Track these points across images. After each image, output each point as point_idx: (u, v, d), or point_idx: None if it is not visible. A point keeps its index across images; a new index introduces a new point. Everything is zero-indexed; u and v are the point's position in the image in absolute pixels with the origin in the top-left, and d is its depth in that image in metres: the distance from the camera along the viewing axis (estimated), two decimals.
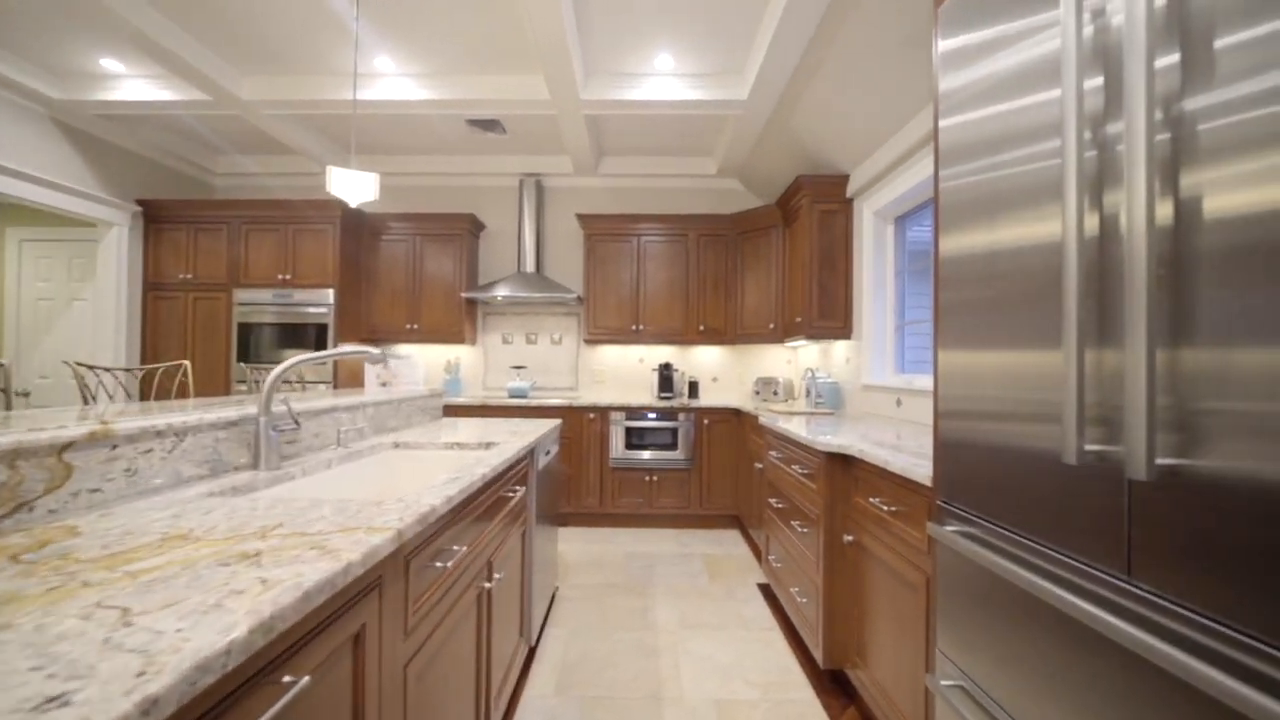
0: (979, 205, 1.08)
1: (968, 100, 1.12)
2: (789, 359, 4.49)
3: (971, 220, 1.11)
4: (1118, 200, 0.77)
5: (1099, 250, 0.80)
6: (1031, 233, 0.94)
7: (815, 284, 3.37)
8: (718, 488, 3.84)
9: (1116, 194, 0.77)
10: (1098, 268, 0.81)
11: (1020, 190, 0.97)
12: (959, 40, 1.16)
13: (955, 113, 1.16)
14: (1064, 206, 0.80)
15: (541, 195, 4.53)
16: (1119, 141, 0.77)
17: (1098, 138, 0.80)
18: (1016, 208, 0.98)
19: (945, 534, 1.15)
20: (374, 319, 4.26)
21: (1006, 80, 1.01)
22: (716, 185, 4.53)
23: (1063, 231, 0.80)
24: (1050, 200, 0.90)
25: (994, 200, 1.04)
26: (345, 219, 3.99)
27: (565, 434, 3.87)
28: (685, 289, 4.19)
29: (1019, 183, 0.97)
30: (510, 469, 1.73)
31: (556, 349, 4.54)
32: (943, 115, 1.21)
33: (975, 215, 1.10)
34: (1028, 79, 0.95)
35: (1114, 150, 0.78)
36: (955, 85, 1.16)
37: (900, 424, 2.51)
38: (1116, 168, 0.77)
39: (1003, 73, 1.02)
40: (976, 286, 1.09)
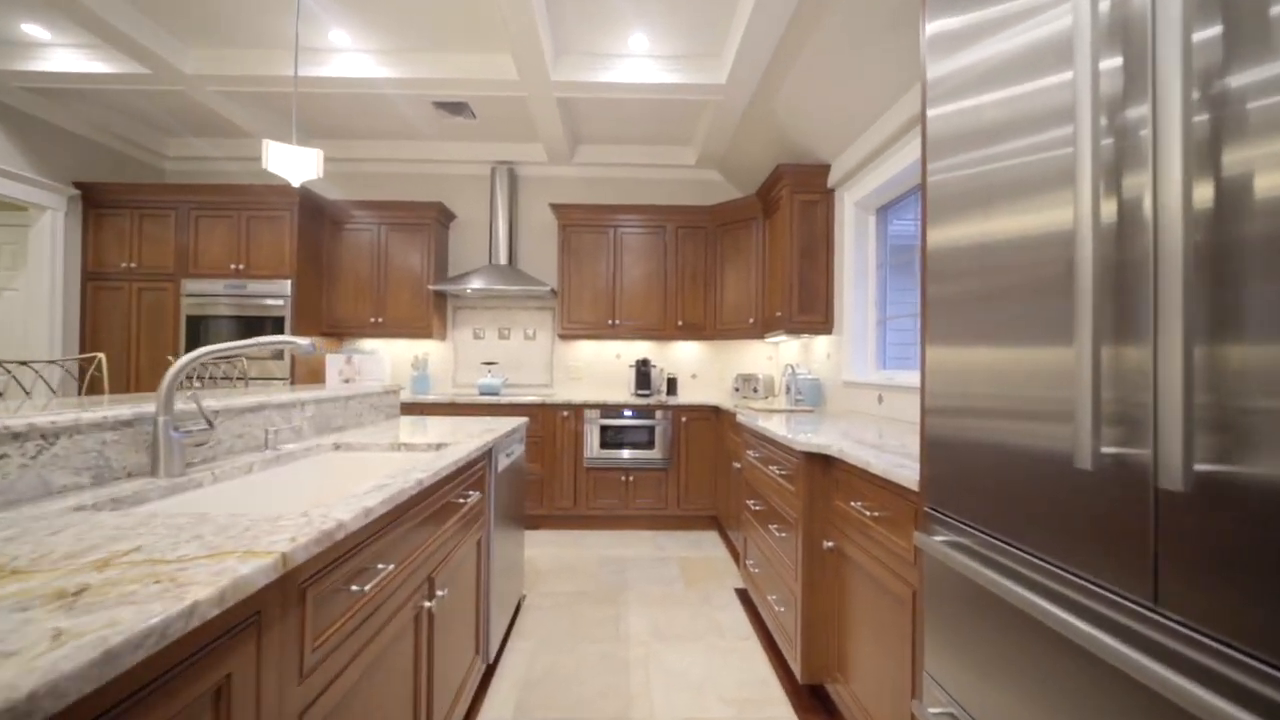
0: (971, 197, 0.98)
1: (958, 87, 1.01)
2: (770, 355, 4.38)
3: (962, 212, 1.00)
4: (1138, 187, 0.67)
5: (1116, 240, 0.69)
6: (1032, 224, 0.83)
7: (796, 277, 3.25)
8: (696, 488, 3.72)
9: (1137, 180, 0.67)
10: (1114, 259, 0.70)
11: (1019, 181, 0.86)
12: (948, 23, 1.05)
13: (945, 101, 1.05)
14: (1077, 195, 0.69)
15: (515, 184, 4.35)
16: (1142, 125, 0.66)
17: (1115, 122, 0.69)
18: (1014, 199, 0.87)
19: (934, 545, 1.03)
20: (336, 312, 4.04)
21: (1003, 65, 0.90)
22: (696, 176, 4.40)
23: (1075, 221, 0.69)
24: (1054, 190, 0.79)
25: (988, 191, 0.93)
26: (304, 206, 3.77)
27: (538, 433, 3.71)
28: (663, 282, 4.05)
29: (1018, 173, 0.86)
30: (460, 472, 1.57)
31: (530, 344, 4.37)
32: (931, 103, 1.10)
33: (967, 207, 0.99)
34: (1028, 63, 0.84)
35: (1136, 135, 0.67)
36: (944, 72, 1.06)
37: (882, 421, 2.41)
38: (1139, 153, 0.66)
39: (998, 57, 0.91)
40: (968, 280, 0.99)
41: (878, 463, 1.37)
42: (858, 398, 2.91)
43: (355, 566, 0.95)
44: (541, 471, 3.71)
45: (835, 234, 3.25)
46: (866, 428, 2.18)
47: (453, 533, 1.50)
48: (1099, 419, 0.68)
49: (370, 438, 1.80)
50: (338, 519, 0.86)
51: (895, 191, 2.78)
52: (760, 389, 3.94)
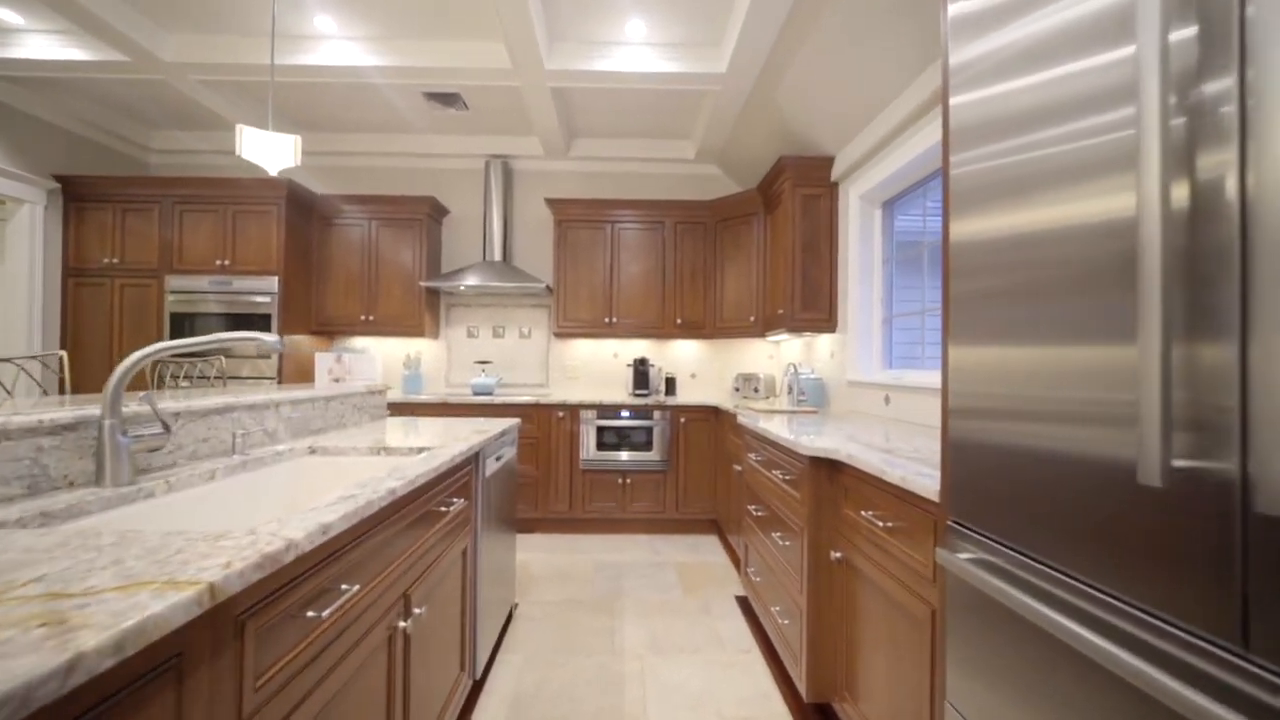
0: (1002, 187, 0.89)
1: (987, 73, 0.92)
2: (771, 354, 4.28)
3: (992, 204, 0.92)
4: (1217, 168, 0.57)
5: (1188, 227, 0.59)
6: (1080, 213, 0.74)
7: (798, 274, 3.15)
8: (695, 491, 3.62)
9: (1216, 160, 0.57)
10: (1185, 247, 0.60)
11: (1063, 168, 0.77)
12: (974, 4, 0.95)
13: (971, 88, 0.97)
14: (1141, 180, 0.60)
15: (509, 179, 4.24)
16: (1223, 101, 0.56)
17: (1187, 100, 0.60)
18: (1057, 187, 0.78)
19: (958, 564, 0.93)
20: (326, 310, 3.93)
21: (1040, 45, 0.81)
22: (695, 171, 4.29)
23: (1140, 208, 0.60)
24: (1109, 175, 0.70)
25: (1022, 182, 0.85)
26: (292, 200, 3.66)
27: (532, 434, 3.61)
28: (661, 279, 3.95)
29: (1062, 160, 0.77)
30: (443, 479, 1.47)
31: (525, 343, 4.27)
32: (955, 91, 1.01)
33: (997, 198, 0.91)
34: (1073, 41, 0.75)
35: (1215, 112, 0.57)
36: (970, 56, 0.97)
37: (890, 423, 2.31)
38: (1219, 131, 0.57)
39: (1034, 37, 0.82)
40: (1000, 275, 0.90)
41: (893, 470, 1.27)
42: (863, 398, 2.80)
43: (313, 589, 0.84)
44: (536, 474, 3.60)
45: (839, 229, 3.15)
46: (874, 429, 2.07)
47: (434, 543, 1.39)
48: (1169, 426, 0.58)
49: (351, 440, 1.70)
50: (288, 538, 0.75)
51: (902, 184, 2.68)
52: (761, 389, 3.84)
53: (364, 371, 4.03)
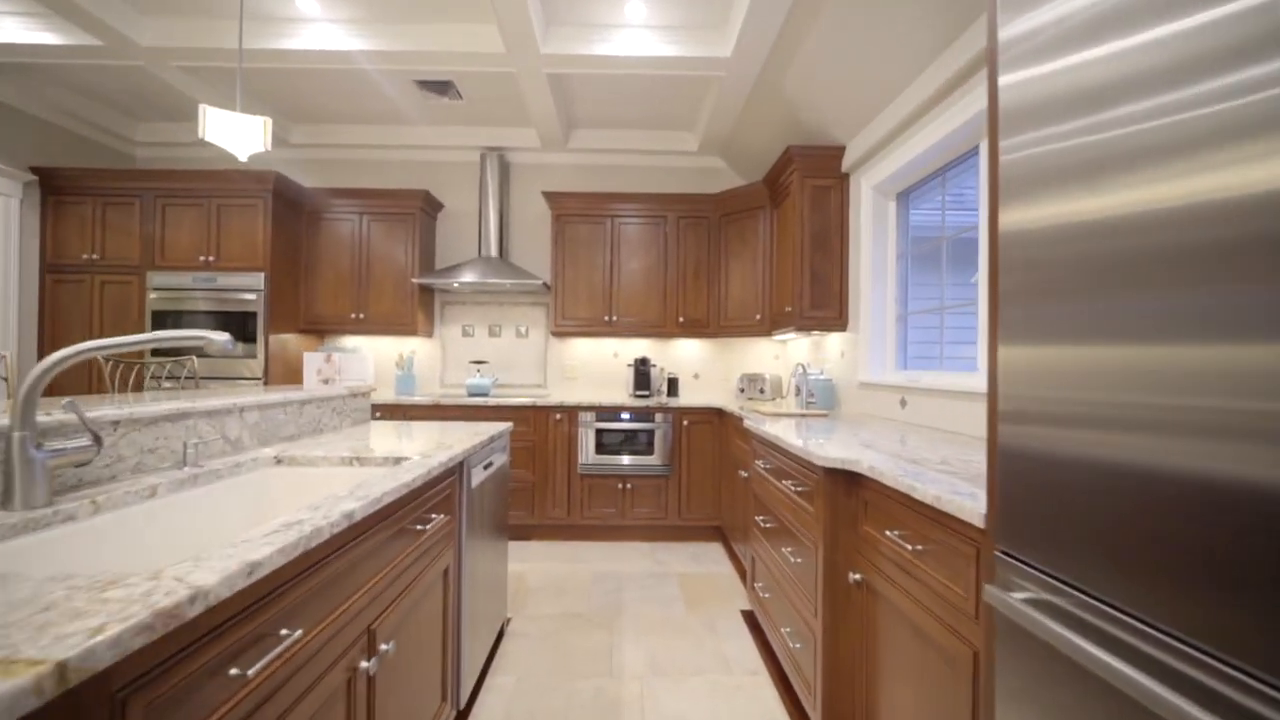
0: (1068, 173, 0.77)
1: (1047, 46, 0.79)
2: (777, 354, 4.12)
3: (1053, 191, 0.79)
4: None
5: None
6: (1188, 192, 0.59)
7: (807, 270, 2.99)
8: (698, 496, 3.47)
9: None
10: None
11: (1161, 144, 0.63)
12: None
13: (1025, 64, 0.84)
14: None
15: (506, 172, 4.09)
16: None
17: None
18: (1156, 163, 0.64)
19: (1013, 606, 0.78)
20: (315, 307, 3.79)
21: (1117, 11, 0.66)
22: (698, 164, 4.14)
23: None
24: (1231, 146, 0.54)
25: (1098, 164, 0.71)
26: (279, 193, 3.52)
27: (529, 437, 3.46)
28: (663, 276, 3.79)
29: (1154, 138, 0.63)
30: (418, 494, 1.32)
31: (522, 342, 4.12)
32: (1004, 69, 0.88)
33: (1059, 183, 0.77)
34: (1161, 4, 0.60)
35: None
36: (1024, 29, 0.84)
37: (908, 429, 2.15)
38: None
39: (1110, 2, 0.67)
40: (1064, 268, 0.77)
41: (924, 486, 1.12)
42: (876, 400, 2.65)
43: (238, 642, 0.70)
44: (533, 478, 3.46)
45: (850, 222, 2.99)
46: (889, 435, 1.92)
47: (408, 565, 1.25)
48: None
49: (324, 448, 1.55)
50: (195, 586, 0.61)
51: (918, 174, 2.52)
52: (767, 390, 3.69)
53: (355, 371, 3.89)
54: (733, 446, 3.12)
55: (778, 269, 3.35)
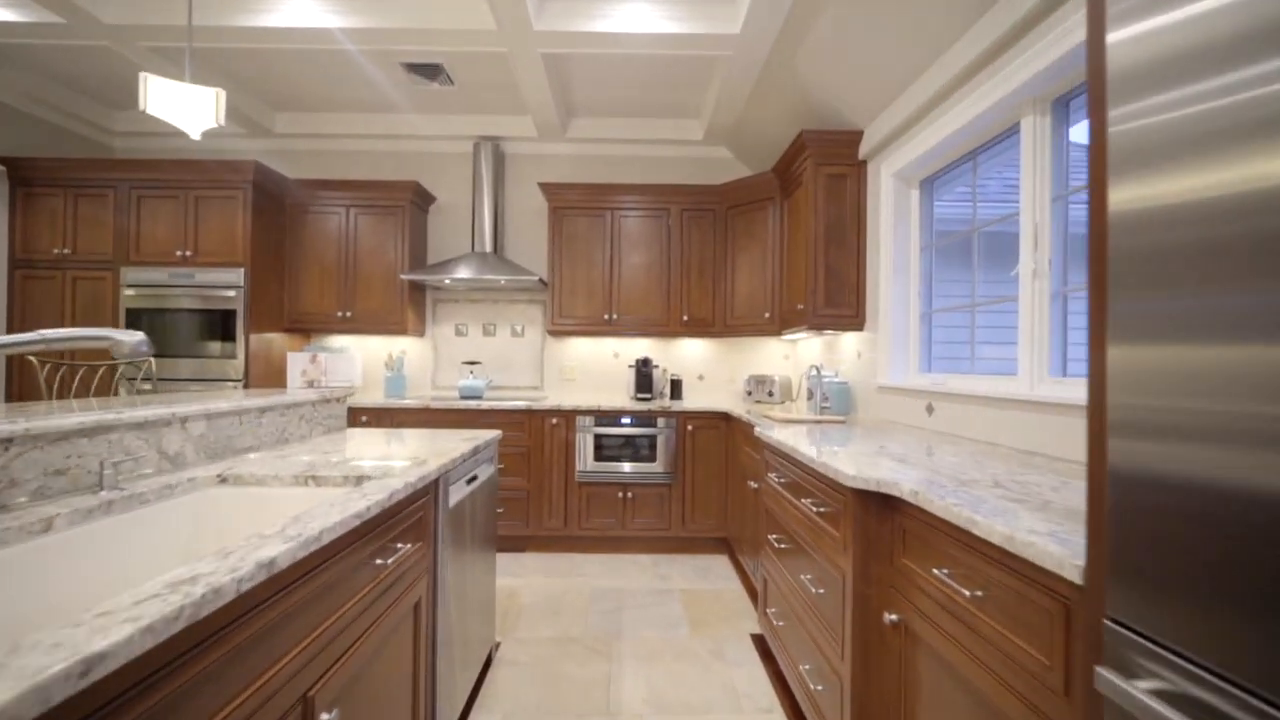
0: (1212, 139, 0.56)
1: None
2: (786, 354, 3.91)
3: (1190, 161, 0.58)
4: None
5: None
6: None
7: (821, 265, 2.79)
8: (703, 506, 3.26)
9: None
10: None
11: None
12: None
13: (1145, 14, 0.62)
14: None
15: (501, 163, 3.89)
16: None
17: None
18: None
19: (1139, 701, 0.58)
20: (300, 305, 3.60)
21: None
22: (703, 154, 3.93)
23: None
24: None
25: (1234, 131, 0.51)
26: (260, 184, 3.33)
27: (524, 443, 3.27)
28: (666, 272, 3.59)
29: None
30: (378, 524, 1.12)
31: (518, 342, 3.92)
32: (1114, 24, 0.68)
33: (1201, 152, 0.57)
34: None
35: None
36: None
37: (935, 438, 1.95)
38: None
39: None
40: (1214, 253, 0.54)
41: (989, 521, 0.91)
42: (898, 406, 2.44)
43: None
44: (528, 487, 3.26)
45: (868, 213, 2.78)
46: (919, 447, 1.71)
47: (364, 609, 1.05)
48: None
49: (280, 465, 1.36)
50: None
51: (945, 159, 2.31)
52: (777, 392, 3.48)
53: (342, 373, 3.70)
54: (741, 454, 2.91)
55: (789, 264, 3.14)
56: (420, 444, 1.74)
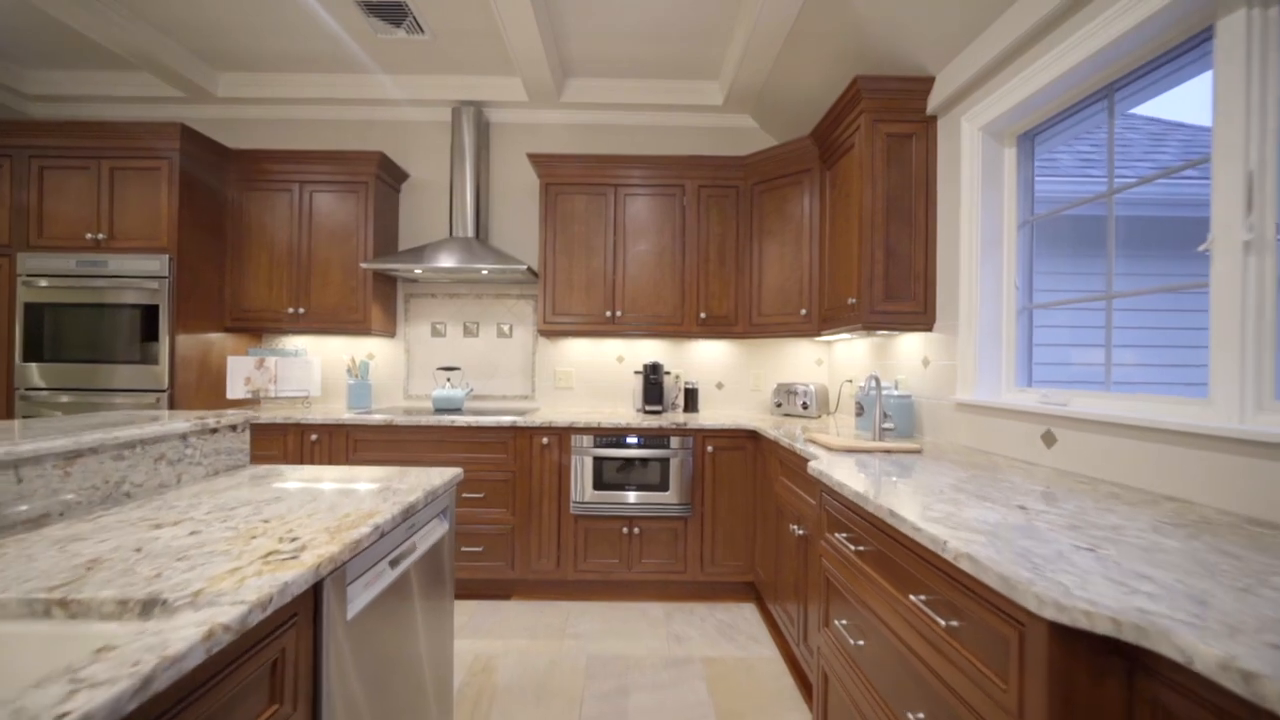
0: None
1: None
2: (819, 359, 3.33)
3: None
4: None
5: None
6: None
7: (878, 248, 2.20)
8: (726, 544, 2.69)
9: None
10: None
11: None
12: None
13: None
14: None
15: (485, 134, 3.32)
16: None
17: None
18: None
19: None
20: (244, 300, 3.03)
21: None
22: (723, 124, 3.34)
23: None
24: None
25: None
26: (191, 153, 2.76)
27: (509, 467, 2.69)
28: (680, 261, 3.01)
29: None
30: (177, 700, 0.54)
31: (505, 344, 3.35)
32: None
33: None
34: None
35: None
36: None
37: (1069, 481, 1.36)
38: None
39: None
40: None
41: None
42: (990, 430, 1.86)
43: None
44: (512, 520, 2.69)
45: (938, 183, 2.20)
46: (1076, 500, 1.13)
47: None
48: None
49: (27, 568, 0.78)
50: None
51: (1058, 102, 1.72)
52: (812, 404, 2.90)
53: (296, 380, 3.14)
54: (774, 484, 2.33)
55: (832, 249, 2.56)
56: (334, 500, 1.16)
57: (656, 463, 2.67)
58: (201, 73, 3.08)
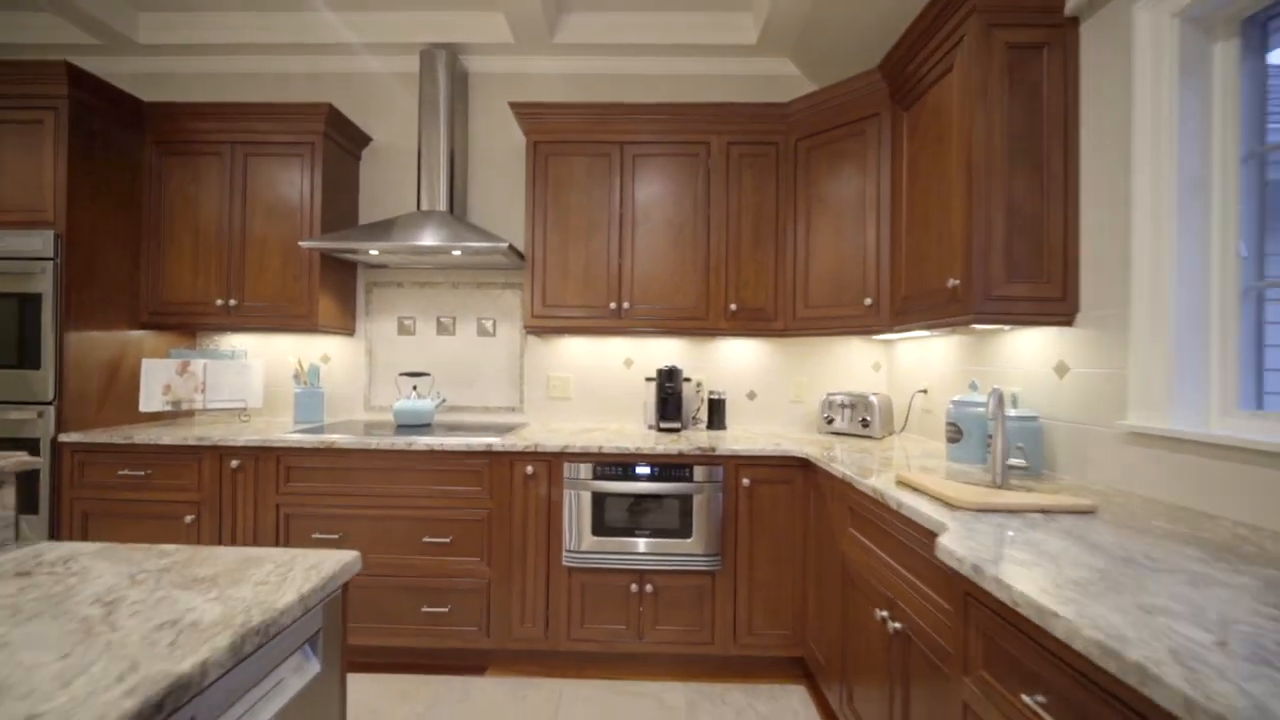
0: None
1: None
2: (877, 362, 2.67)
3: None
4: None
5: None
6: None
7: (996, 208, 1.54)
8: (767, 607, 2.04)
9: None
10: None
11: None
12: None
13: None
14: None
15: (461, 86, 2.70)
16: None
17: None
18: None
19: None
20: (165, 290, 2.45)
21: None
22: (756, 70, 2.70)
23: None
24: None
25: None
26: (86, 104, 2.18)
27: (484, 503, 2.08)
28: (704, 238, 2.37)
29: None
30: None
31: (487, 344, 2.73)
32: None
33: None
34: None
35: None
36: None
37: None
38: None
39: None
40: None
41: None
42: (1195, 476, 1.20)
43: None
44: (489, 574, 2.07)
45: (1088, 110, 1.53)
46: None
47: None
48: None
49: None
50: None
51: None
52: (874, 422, 2.25)
53: (231, 388, 2.56)
54: (840, 537, 1.68)
55: (912, 218, 1.90)
56: (117, 641, 0.54)
57: (675, 500, 2.04)
58: (115, 10, 2.50)
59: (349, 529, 2.08)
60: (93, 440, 2.10)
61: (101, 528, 2.13)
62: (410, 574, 2.07)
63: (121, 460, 2.11)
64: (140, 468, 2.11)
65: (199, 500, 2.10)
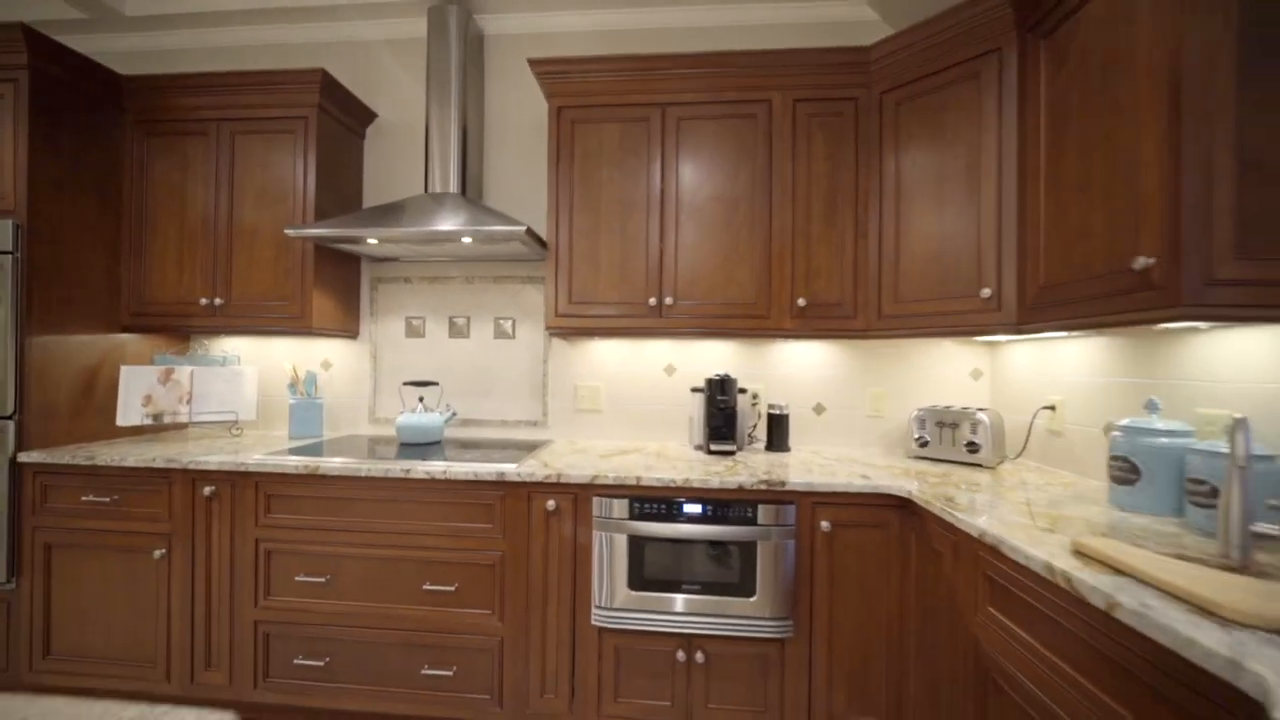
0: None
1: None
2: (976, 370, 2.16)
3: None
4: None
5: None
6: None
7: (1221, 148, 1.05)
8: (852, 683, 1.59)
9: None
10: None
11: None
12: None
13: None
14: None
15: (476, 49, 2.33)
16: None
17: None
18: None
19: None
20: (148, 289, 2.18)
21: None
22: (824, 16, 2.24)
23: None
24: None
25: None
26: (50, 75, 1.91)
27: (497, 544, 1.70)
28: (766, 218, 1.93)
29: None
30: None
31: (506, 347, 2.36)
32: None
33: None
34: None
35: None
36: None
37: None
38: None
39: None
40: None
41: None
42: None
43: None
44: (502, 631, 1.69)
45: None
46: None
47: None
48: None
49: None
50: None
51: None
52: (985, 445, 1.76)
53: (222, 398, 2.27)
54: (973, 612, 1.22)
55: (1055, 179, 1.42)
56: None
57: (735, 547, 1.61)
58: None
59: (337, 570, 1.74)
60: (56, 461, 1.82)
61: (66, 562, 1.85)
62: (408, 626, 1.71)
63: (86, 484, 1.83)
64: (106, 493, 1.82)
65: (169, 532, 1.80)
